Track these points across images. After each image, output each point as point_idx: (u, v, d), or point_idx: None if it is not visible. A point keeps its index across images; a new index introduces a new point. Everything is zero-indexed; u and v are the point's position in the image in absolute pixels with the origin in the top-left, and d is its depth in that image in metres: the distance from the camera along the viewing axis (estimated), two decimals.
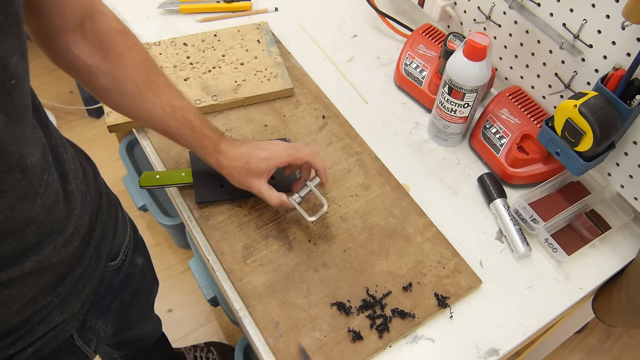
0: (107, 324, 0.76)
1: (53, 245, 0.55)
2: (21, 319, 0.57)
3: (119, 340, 1.01)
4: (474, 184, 0.93)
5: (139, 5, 1.15)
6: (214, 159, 0.76)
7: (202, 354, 1.41)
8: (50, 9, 0.60)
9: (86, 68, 0.66)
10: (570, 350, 1.60)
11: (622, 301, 0.84)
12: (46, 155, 0.52)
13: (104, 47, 0.66)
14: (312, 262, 0.80)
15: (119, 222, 0.75)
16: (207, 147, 0.75)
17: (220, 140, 0.76)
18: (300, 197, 0.80)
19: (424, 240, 0.84)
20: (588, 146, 0.75)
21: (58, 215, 0.55)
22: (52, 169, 0.53)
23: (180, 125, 0.73)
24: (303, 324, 0.75)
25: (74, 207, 0.58)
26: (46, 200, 0.52)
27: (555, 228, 0.88)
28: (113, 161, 1.78)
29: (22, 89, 0.45)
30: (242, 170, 0.75)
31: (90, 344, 0.73)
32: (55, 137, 0.57)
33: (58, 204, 0.55)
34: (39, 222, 0.52)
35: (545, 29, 0.85)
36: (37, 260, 0.53)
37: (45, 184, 0.51)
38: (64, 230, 0.57)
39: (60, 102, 1.97)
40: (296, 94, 1.01)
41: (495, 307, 0.80)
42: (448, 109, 0.91)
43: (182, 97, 0.74)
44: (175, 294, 1.62)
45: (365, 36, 1.15)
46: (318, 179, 0.80)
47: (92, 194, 0.66)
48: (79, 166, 0.63)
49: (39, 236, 0.53)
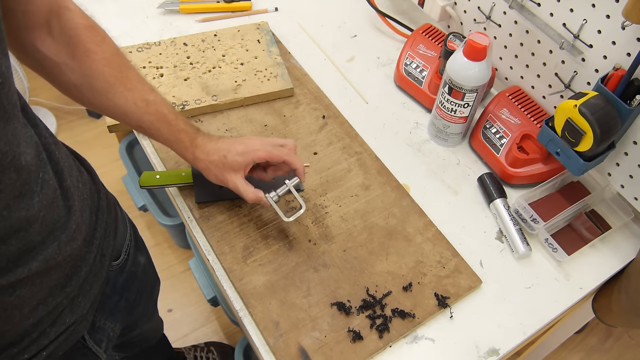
0: (115, 324, 0.77)
1: (57, 244, 0.55)
2: (33, 321, 0.58)
3: (123, 341, 1.02)
4: (474, 184, 0.93)
5: (139, 5, 1.15)
6: (191, 153, 0.75)
7: (202, 354, 1.41)
8: (14, 8, 0.59)
9: (54, 65, 0.65)
10: (570, 350, 1.60)
11: (622, 301, 0.84)
12: (40, 153, 0.52)
13: (72, 43, 0.65)
14: (312, 262, 0.80)
15: (118, 221, 0.76)
16: (183, 141, 0.74)
17: (197, 134, 0.75)
18: (278, 196, 0.78)
19: (424, 240, 0.84)
20: (588, 146, 0.75)
21: (58, 213, 0.55)
22: (47, 166, 0.53)
23: (154, 120, 0.72)
24: (303, 324, 0.75)
25: (73, 203, 0.59)
26: (44, 198, 0.52)
27: (555, 228, 0.88)
28: (113, 161, 1.78)
29: (8, 88, 0.45)
30: (218, 164, 0.74)
31: (101, 344, 0.74)
32: (46, 135, 0.57)
33: (56, 201, 0.55)
34: (40, 220, 0.52)
35: (546, 29, 0.85)
36: (43, 260, 0.54)
37: (42, 182, 0.52)
38: (66, 228, 0.57)
39: (61, 102, 1.97)
40: (296, 94, 1.01)
41: (495, 307, 0.80)
42: (448, 109, 0.91)
43: (155, 91, 0.73)
44: (175, 294, 1.62)
45: (365, 36, 1.15)
46: (297, 179, 0.79)
47: (89, 193, 0.66)
48: (73, 164, 0.63)
49: (42, 235, 0.53)
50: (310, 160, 0.92)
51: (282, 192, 0.79)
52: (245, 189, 0.75)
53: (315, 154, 0.93)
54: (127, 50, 1.02)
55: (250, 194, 0.75)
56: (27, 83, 1.74)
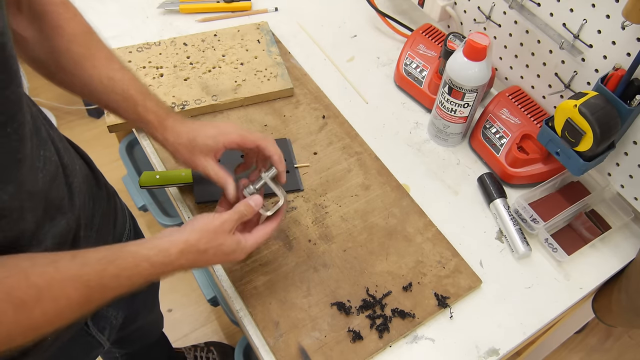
0: (117, 312, 0.77)
1: (66, 221, 0.57)
2: None
3: (123, 335, 1.02)
4: (474, 184, 0.93)
5: (139, 5, 1.15)
6: (160, 134, 0.72)
7: (202, 353, 1.41)
8: None
9: (22, 40, 0.64)
10: (570, 350, 1.60)
11: (622, 301, 0.84)
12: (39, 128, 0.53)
13: (41, 19, 0.64)
14: (312, 262, 0.80)
15: (118, 211, 0.77)
16: (151, 122, 0.71)
17: (168, 116, 0.72)
18: (255, 189, 0.73)
19: (424, 240, 0.84)
20: (588, 146, 0.75)
21: (62, 190, 0.57)
22: (48, 143, 0.55)
23: (121, 100, 0.69)
24: (303, 324, 0.75)
25: (73, 180, 0.60)
26: (47, 174, 0.53)
27: (555, 228, 0.88)
28: (113, 161, 1.78)
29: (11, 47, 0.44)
30: (188, 146, 0.71)
31: (104, 331, 0.75)
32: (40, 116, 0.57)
33: (59, 177, 0.56)
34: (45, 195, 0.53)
35: (545, 29, 0.85)
36: (55, 235, 0.55)
37: (44, 159, 0.53)
38: (73, 205, 0.59)
39: (60, 102, 1.96)
40: (296, 94, 1.01)
41: (495, 307, 0.80)
42: (448, 109, 0.91)
43: (125, 70, 0.70)
44: (175, 294, 1.62)
45: (365, 36, 1.15)
46: (274, 170, 0.73)
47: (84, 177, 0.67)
48: (69, 146, 0.65)
49: (51, 211, 0.55)
50: (310, 160, 0.92)
51: (259, 186, 0.73)
52: (216, 172, 0.71)
53: (315, 154, 0.93)
54: (127, 50, 1.02)
55: (221, 178, 0.71)
56: (27, 83, 1.74)
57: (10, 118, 0.45)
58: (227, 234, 0.64)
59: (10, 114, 0.45)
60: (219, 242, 0.63)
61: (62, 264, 0.51)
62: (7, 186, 0.46)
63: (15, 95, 0.45)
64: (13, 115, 0.45)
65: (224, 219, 0.64)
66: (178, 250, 0.59)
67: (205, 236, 0.62)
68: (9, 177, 0.46)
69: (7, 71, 0.43)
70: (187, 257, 0.60)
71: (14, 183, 0.47)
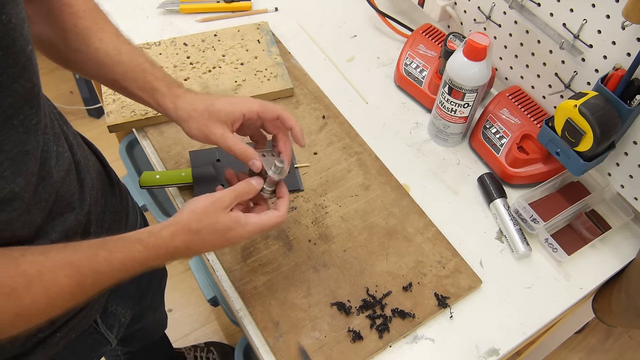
0: (126, 310, 0.78)
1: (74, 216, 0.57)
2: None
3: (128, 332, 1.02)
4: (474, 184, 0.93)
5: (139, 5, 1.15)
6: (170, 101, 0.67)
7: (202, 354, 1.41)
8: None
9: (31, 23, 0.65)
10: (570, 350, 1.61)
11: (622, 301, 0.84)
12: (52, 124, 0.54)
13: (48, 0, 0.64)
14: (312, 262, 0.80)
15: (129, 209, 0.78)
16: (159, 88, 0.67)
17: (178, 85, 0.69)
18: (270, 190, 0.69)
19: (424, 240, 0.84)
20: (588, 146, 0.75)
21: (74, 185, 0.57)
22: (61, 139, 0.55)
23: (128, 70, 0.66)
24: (303, 324, 0.75)
25: (85, 176, 0.60)
26: (60, 169, 0.54)
27: (555, 228, 0.88)
28: (113, 161, 1.76)
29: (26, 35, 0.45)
30: (204, 112, 0.66)
31: (112, 329, 0.75)
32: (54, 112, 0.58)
33: (71, 173, 0.57)
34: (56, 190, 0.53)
35: (545, 29, 0.85)
36: (61, 230, 0.55)
37: (57, 155, 0.53)
38: (83, 200, 0.59)
39: (60, 102, 1.97)
40: (296, 94, 1.01)
41: (495, 307, 0.80)
42: (448, 109, 0.91)
43: (132, 44, 0.68)
44: (175, 294, 1.62)
45: (365, 36, 1.15)
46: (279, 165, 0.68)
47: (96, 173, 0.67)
48: (82, 142, 0.65)
49: (61, 206, 0.55)
50: (310, 160, 0.92)
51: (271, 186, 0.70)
52: (237, 144, 0.66)
53: (315, 154, 0.93)
54: None
55: (244, 150, 0.66)
56: None
57: (17, 110, 0.45)
58: (221, 211, 0.61)
59: (17, 106, 0.45)
60: (210, 221, 0.60)
61: (54, 253, 0.50)
62: (17, 178, 0.46)
63: (24, 89, 0.45)
64: (20, 107, 0.45)
65: (215, 198, 0.61)
66: (169, 232, 0.58)
67: (196, 216, 0.60)
68: (19, 169, 0.46)
69: (16, 65, 0.43)
70: (180, 239, 0.58)
71: (24, 175, 0.47)
